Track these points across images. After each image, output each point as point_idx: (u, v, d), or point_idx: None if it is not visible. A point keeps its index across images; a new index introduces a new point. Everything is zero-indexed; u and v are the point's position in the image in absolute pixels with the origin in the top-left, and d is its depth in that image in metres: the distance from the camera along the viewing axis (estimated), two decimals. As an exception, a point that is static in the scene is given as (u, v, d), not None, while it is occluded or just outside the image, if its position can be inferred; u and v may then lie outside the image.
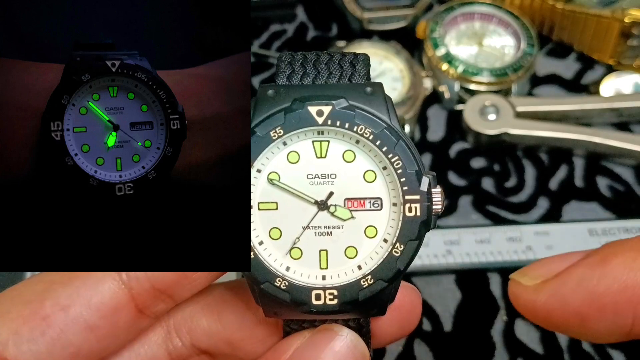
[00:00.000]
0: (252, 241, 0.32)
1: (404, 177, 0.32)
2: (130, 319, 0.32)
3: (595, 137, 0.64)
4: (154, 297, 0.32)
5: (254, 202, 0.33)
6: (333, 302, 0.32)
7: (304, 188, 0.33)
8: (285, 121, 0.32)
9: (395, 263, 0.32)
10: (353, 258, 0.33)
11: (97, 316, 0.30)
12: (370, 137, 0.32)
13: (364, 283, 0.32)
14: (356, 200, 0.33)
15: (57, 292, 0.30)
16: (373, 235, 0.33)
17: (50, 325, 0.29)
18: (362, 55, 0.34)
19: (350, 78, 0.33)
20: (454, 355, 0.54)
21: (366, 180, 0.33)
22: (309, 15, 0.79)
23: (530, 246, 0.58)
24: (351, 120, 0.32)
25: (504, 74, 0.68)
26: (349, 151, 0.33)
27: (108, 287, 0.31)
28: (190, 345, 0.35)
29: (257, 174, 0.33)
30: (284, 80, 0.33)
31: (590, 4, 0.71)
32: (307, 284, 0.32)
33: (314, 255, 0.33)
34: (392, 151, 0.32)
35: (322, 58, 0.34)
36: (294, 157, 0.33)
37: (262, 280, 0.32)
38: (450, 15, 0.72)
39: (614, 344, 0.54)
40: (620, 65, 0.72)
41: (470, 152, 0.67)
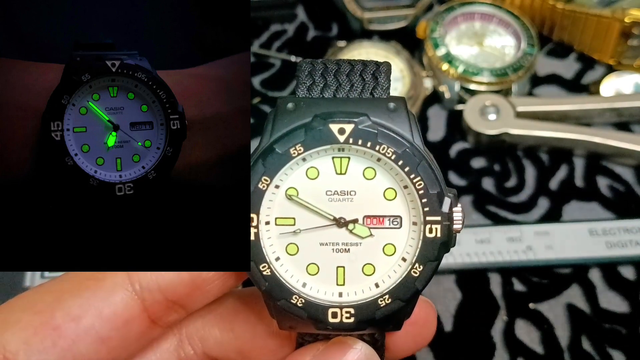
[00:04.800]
0: (269, 257, 0.32)
1: (425, 198, 0.31)
2: (143, 329, 0.31)
3: (596, 137, 0.64)
4: (167, 308, 0.32)
5: (271, 218, 0.32)
6: (349, 320, 0.31)
7: (322, 204, 0.32)
8: (305, 138, 0.31)
9: (414, 283, 0.31)
10: (371, 275, 0.32)
11: (109, 327, 0.30)
12: (393, 156, 0.31)
13: (382, 302, 0.31)
14: (375, 217, 0.32)
15: (68, 302, 0.30)
16: (391, 253, 0.32)
17: (61, 336, 0.29)
18: (385, 65, 0.33)
19: (373, 91, 0.33)
20: (454, 355, 0.54)
21: (386, 198, 0.32)
22: (309, 15, 0.79)
23: (531, 246, 0.58)
24: (373, 140, 0.31)
25: (504, 74, 0.68)
26: (370, 168, 0.32)
27: (120, 298, 0.30)
28: (202, 353, 0.35)
29: (275, 189, 0.32)
30: (304, 92, 0.33)
31: (591, 4, 0.71)
32: (323, 302, 0.32)
33: (331, 272, 0.32)
34: (414, 171, 0.31)
35: (342, 68, 0.33)
36: (313, 173, 0.32)
37: (279, 297, 0.31)
38: (451, 15, 0.72)
39: (614, 344, 0.54)
40: (621, 65, 0.72)
41: (470, 152, 0.67)
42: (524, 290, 0.57)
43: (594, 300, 0.56)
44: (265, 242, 0.32)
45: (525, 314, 0.56)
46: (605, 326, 0.55)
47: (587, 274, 0.58)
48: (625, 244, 0.58)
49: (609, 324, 0.55)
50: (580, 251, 0.58)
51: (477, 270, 0.58)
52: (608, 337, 0.54)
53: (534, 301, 0.57)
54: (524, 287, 0.57)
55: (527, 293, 0.57)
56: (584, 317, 0.56)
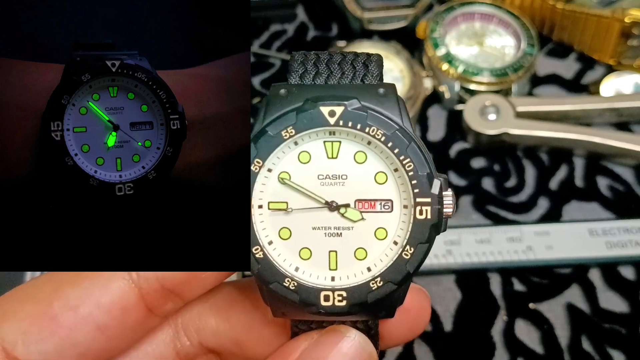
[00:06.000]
0: (262, 241, 0.32)
1: (415, 180, 0.32)
2: (140, 318, 0.32)
3: (596, 137, 0.64)
4: (163, 297, 0.32)
5: (264, 202, 0.32)
6: (342, 303, 0.32)
7: (314, 188, 0.32)
8: (297, 121, 0.32)
9: (405, 266, 0.32)
10: (363, 260, 0.32)
11: (107, 316, 0.30)
12: (382, 138, 0.32)
13: (373, 285, 0.32)
14: (367, 201, 0.32)
15: (66, 292, 0.30)
16: (383, 237, 0.32)
17: (59, 325, 0.29)
18: (375, 55, 0.34)
19: (363, 79, 0.33)
20: (454, 355, 0.54)
21: (377, 182, 0.32)
22: (309, 15, 0.79)
23: (531, 246, 0.58)
24: (363, 122, 0.32)
25: (504, 74, 0.68)
26: (361, 152, 0.32)
27: (117, 287, 0.31)
28: (198, 344, 0.35)
29: (268, 173, 0.32)
30: (296, 79, 0.33)
31: (591, 4, 0.71)
32: (316, 285, 0.32)
33: (324, 256, 0.32)
34: (404, 153, 0.32)
35: (334, 58, 0.33)
36: (305, 157, 0.33)
37: (271, 280, 0.32)
38: (451, 15, 0.72)
39: (614, 344, 0.54)
40: (621, 65, 0.72)
41: (470, 152, 0.67)
42: (524, 290, 0.57)
43: (594, 300, 0.56)
44: (258, 226, 0.32)
45: (525, 314, 0.56)
46: (605, 326, 0.55)
47: (587, 274, 0.58)
48: (625, 244, 0.58)
49: (609, 324, 0.55)
50: (580, 251, 0.58)
51: (477, 270, 0.58)
52: (608, 337, 0.55)
53: (534, 301, 0.57)
54: (524, 287, 0.57)
55: (527, 293, 0.57)
56: (584, 317, 0.56)
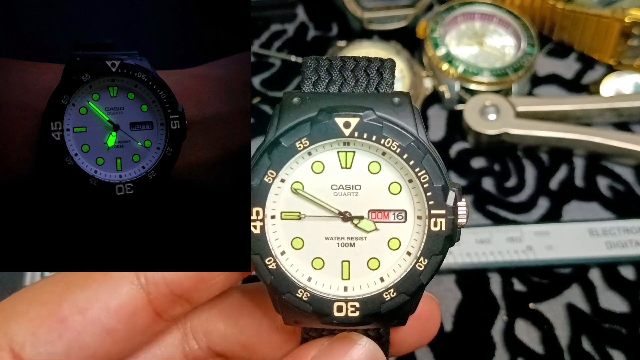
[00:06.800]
0: (274, 250, 0.32)
1: (430, 192, 0.31)
2: (148, 322, 0.31)
3: (596, 137, 0.64)
4: (172, 301, 0.32)
5: (276, 212, 0.32)
6: (355, 314, 0.31)
7: (327, 198, 0.32)
8: (311, 132, 0.31)
9: (419, 277, 0.31)
10: (376, 270, 0.32)
11: (115, 319, 0.30)
12: (397, 150, 0.31)
13: (387, 296, 0.31)
14: (380, 212, 0.32)
15: (75, 294, 0.30)
16: (396, 247, 0.32)
17: (67, 327, 0.29)
18: (389, 61, 0.33)
19: (377, 87, 0.33)
20: (454, 355, 0.54)
21: (391, 192, 0.32)
22: (309, 15, 0.79)
23: (531, 246, 0.58)
24: (378, 133, 0.31)
25: (504, 74, 0.68)
26: (375, 162, 0.32)
27: (126, 291, 0.31)
28: (207, 348, 0.35)
29: (281, 183, 0.32)
30: (310, 87, 0.33)
31: (591, 4, 0.71)
32: (328, 296, 0.32)
33: (336, 266, 0.32)
34: (419, 165, 0.31)
35: (347, 64, 0.33)
36: (319, 167, 0.32)
37: (284, 291, 0.31)
38: (451, 15, 0.72)
39: (614, 344, 0.54)
40: (621, 65, 0.72)
41: (470, 152, 0.67)
42: (524, 290, 0.57)
43: (594, 300, 0.56)
44: (270, 236, 0.32)
45: (525, 314, 0.56)
46: (605, 326, 0.55)
47: (587, 274, 0.58)
48: (625, 244, 0.58)
49: (609, 323, 0.55)
50: (580, 251, 0.58)
51: (477, 270, 0.58)
52: (608, 337, 0.55)
53: (534, 301, 0.57)
54: (524, 287, 0.57)
55: (527, 293, 0.57)
56: (584, 317, 0.56)
